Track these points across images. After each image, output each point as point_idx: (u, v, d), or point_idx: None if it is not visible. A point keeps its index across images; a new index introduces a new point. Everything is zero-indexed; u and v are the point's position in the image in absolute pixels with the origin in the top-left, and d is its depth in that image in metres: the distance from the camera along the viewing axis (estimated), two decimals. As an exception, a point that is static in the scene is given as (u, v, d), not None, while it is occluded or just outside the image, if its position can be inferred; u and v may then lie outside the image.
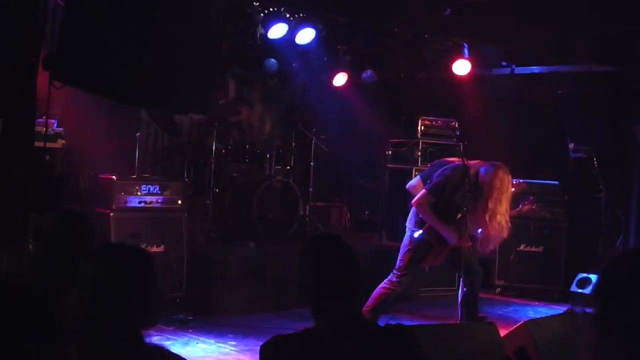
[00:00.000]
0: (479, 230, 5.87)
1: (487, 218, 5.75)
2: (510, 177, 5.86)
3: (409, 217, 6.19)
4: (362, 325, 2.56)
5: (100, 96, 6.24)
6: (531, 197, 6.20)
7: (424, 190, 5.98)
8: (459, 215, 5.90)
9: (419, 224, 6.03)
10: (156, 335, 5.91)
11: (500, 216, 5.78)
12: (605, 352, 1.86)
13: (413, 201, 6.05)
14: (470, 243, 5.96)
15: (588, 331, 1.90)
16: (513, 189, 5.90)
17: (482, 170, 5.88)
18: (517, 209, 6.03)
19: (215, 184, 8.22)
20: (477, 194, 5.83)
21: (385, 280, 6.04)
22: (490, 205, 5.75)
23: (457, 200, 5.88)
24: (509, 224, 5.89)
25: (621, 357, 1.83)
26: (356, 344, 2.43)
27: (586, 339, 1.91)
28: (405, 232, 6.20)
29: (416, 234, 6.02)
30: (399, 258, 6.11)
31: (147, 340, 2.25)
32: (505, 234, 5.91)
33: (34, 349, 1.56)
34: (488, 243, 5.92)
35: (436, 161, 6.53)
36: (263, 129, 9.44)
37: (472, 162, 6.01)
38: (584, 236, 8.35)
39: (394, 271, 6.10)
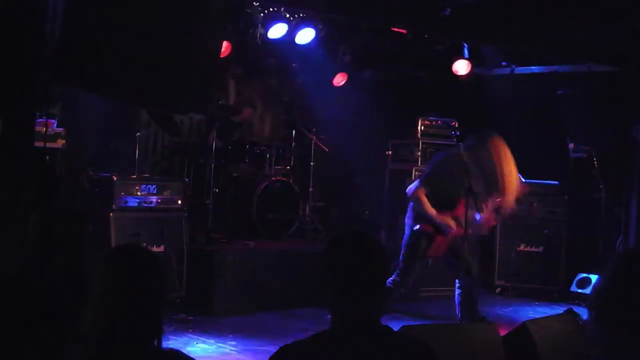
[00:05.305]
0: (478, 217, 5.89)
1: (506, 184, 5.82)
2: (502, 141, 5.91)
3: (407, 214, 6.19)
4: (379, 332, 2.37)
5: (100, 96, 6.25)
6: (535, 203, 6.24)
7: (417, 181, 6.01)
8: (460, 201, 5.89)
9: (416, 219, 6.03)
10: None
11: (514, 176, 5.87)
12: (612, 350, 1.86)
13: (408, 192, 6.04)
14: (470, 230, 5.92)
15: (594, 330, 1.90)
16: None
17: (470, 143, 5.92)
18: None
19: (215, 184, 8.23)
20: (488, 174, 5.88)
21: (388, 280, 6.03)
22: (505, 171, 5.82)
23: (452, 187, 5.86)
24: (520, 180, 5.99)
25: (628, 356, 1.83)
26: (371, 351, 2.31)
27: (592, 338, 1.91)
28: (405, 230, 6.20)
29: (414, 228, 6.01)
30: (400, 258, 6.11)
31: (162, 344, 2.23)
32: (522, 189, 6.03)
33: (35, 346, 1.56)
34: (488, 221, 5.97)
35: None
36: (263, 129, 9.44)
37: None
38: (584, 236, 8.36)
39: (397, 271, 6.09)
